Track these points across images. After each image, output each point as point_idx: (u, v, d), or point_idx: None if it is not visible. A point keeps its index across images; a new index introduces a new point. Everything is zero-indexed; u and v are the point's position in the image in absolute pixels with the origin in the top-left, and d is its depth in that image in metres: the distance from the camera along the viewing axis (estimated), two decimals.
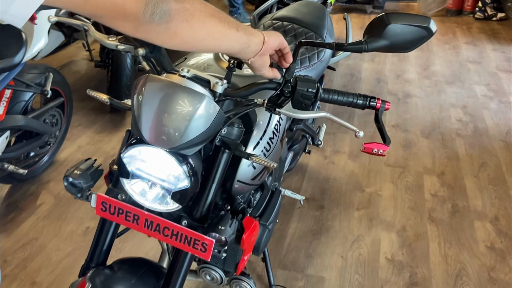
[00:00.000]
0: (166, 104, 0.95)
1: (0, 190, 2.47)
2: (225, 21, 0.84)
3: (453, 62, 4.20)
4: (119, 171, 1.06)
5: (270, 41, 0.96)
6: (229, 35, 0.85)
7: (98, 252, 1.20)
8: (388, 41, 1.01)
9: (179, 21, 0.75)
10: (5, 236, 2.20)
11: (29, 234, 2.21)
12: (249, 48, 0.92)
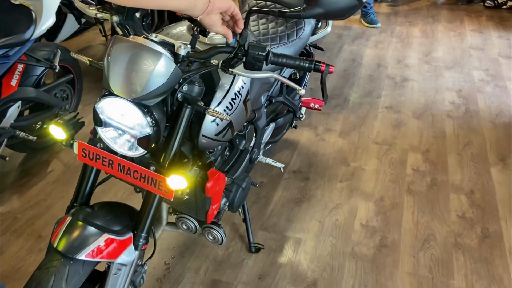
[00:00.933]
0: (130, 61, 1.12)
1: (15, 158, 2.71)
2: None
3: (456, 49, 4.25)
4: (94, 120, 1.24)
5: (217, 2, 1.11)
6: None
7: (81, 194, 1.39)
8: (323, 9, 1.15)
9: None
10: (17, 197, 2.42)
11: (38, 196, 2.43)
12: (196, 7, 1.08)
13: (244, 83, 1.47)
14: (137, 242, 1.33)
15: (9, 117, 2.29)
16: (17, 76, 2.30)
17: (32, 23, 2.15)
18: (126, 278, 1.37)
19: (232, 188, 1.64)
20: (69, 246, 1.23)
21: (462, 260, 2.02)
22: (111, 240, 1.28)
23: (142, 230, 1.33)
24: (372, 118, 3.11)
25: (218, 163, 1.64)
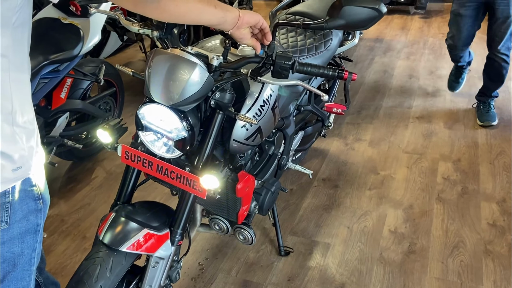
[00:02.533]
0: (168, 71, 1.24)
1: (63, 166, 2.90)
2: (204, 0, 1.11)
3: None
4: (136, 124, 1.36)
5: (245, 17, 1.21)
6: (207, 11, 1.11)
7: (123, 193, 1.51)
8: (344, 20, 1.23)
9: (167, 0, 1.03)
10: (64, 202, 2.60)
11: (83, 200, 2.60)
12: (226, 21, 1.18)
13: (272, 91, 1.57)
14: (173, 238, 1.44)
15: (58, 127, 2.47)
16: (66, 89, 2.49)
17: (80, 40, 2.34)
18: (163, 272, 1.47)
19: (261, 192, 1.73)
20: (113, 239, 1.35)
21: (491, 266, 2.01)
22: (150, 235, 1.39)
23: (178, 227, 1.44)
24: (402, 128, 3.13)
25: (248, 167, 1.73)
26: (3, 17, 0.92)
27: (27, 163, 1.08)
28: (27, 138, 1.08)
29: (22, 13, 0.97)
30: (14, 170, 1.05)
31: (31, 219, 1.14)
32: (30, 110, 1.09)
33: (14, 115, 1.03)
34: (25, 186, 1.10)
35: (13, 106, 1.03)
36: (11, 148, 1.04)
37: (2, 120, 1.01)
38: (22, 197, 1.10)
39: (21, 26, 0.99)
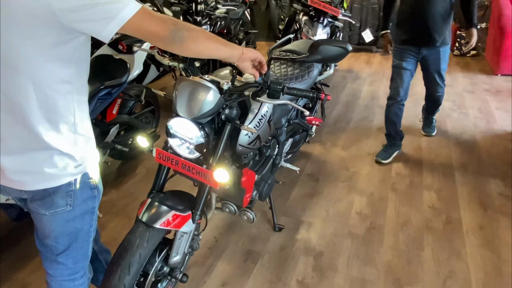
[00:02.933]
0: (190, 93, 1.25)
1: (114, 164, 2.90)
2: (218, 41, 1.11)
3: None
4: (166, 133, 1.36)
5: (247, 53, 1.21)
6: (219, 49, 1.12)
7: (157, 184, 1.51)
8: (321, 56, 1.23)
9: (189, 42, 1.03)
10: (115, 191, 2.59)
11: (128, 190, 2.59)
12: (233, 56, 1.18)
13: (268, 108, 1.56)
14: (194, 218, 1.43)
15: (111, 135, 2.48)
16: (116, 107, 2.50)
17: (127, 71, 2.35)
18: (187, 242, 1.47)
19: (261, 183, 1.72)
20: (149, 218, 1.35)
21: (430, 238, 1.99)
22: (176, 215, 1.39)
23: (197, 209, 1.43)
24: (367, 136, 3.12)
25: (250, 165, 1.73)
26: (69, 53, 0.93)
27: (85, 162, 1.09)
28: (85, 143, 1.09)
29: (83, 50, 0.98)
30: (76, 167, 1.06)
31: (88, 203, 1.14)
32: (88, 123, 1.09)
33: (76, 126, 1.04)
34: (84, 179, 1.11)
35: (75, 119, 1.04)
36: (74, 150, 1.05)
37: (67, 130, 1.02)
38: (82, 187, 1.10)
39: (82, 60, 1.00)
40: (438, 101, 2.83)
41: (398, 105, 2.64)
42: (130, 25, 0.90)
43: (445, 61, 2.54)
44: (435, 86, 2.67)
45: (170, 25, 0.97)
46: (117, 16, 0.87)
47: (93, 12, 0.85)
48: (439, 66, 2.53)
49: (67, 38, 0.90)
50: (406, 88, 2.60)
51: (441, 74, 2.61)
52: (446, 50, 2.50)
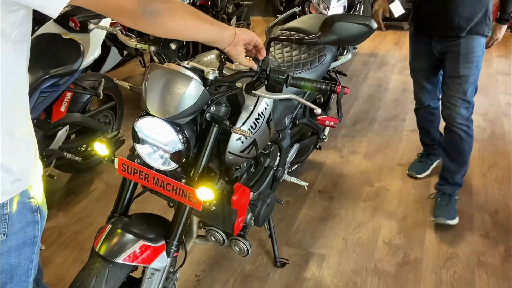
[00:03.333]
0: (164, 84, 1.25)
1: (62, 178, 2.89)
2: (201, 18, 1.12)
3: (482, 74, 4.16)
4: (132, 137, 1.36)
5: (241, 35, 1.22)
6: (203, 28, 1.13)
7: (120, 205, 1.51)
8: (336, 36, 1.25)
9: (164, 16, 1.04)
10: (63, 214, 2.59)
11: (81, 212, 2.59)
12: (223, 38, 1.19)
13: (267, 105, 1.58)
14: (169, 249, 1.43)
15: (58, 139, 2.48)
16: (65, 103, 2.50)
17: (80, 55, 2.36)
18: (159, 283, 1.47)
19: (257, 203, 1.73)
20: (109, 250, 1.34)
21: (484, 278, 2.01)
22: (146, 246, 1.38)
23: (174, 238, 1.43)
24: (396, 141, 3.14)
25: (244, 179, 1.73)
26: (3, 32, 0.93)
27: (25, 176, 1.08)
28: (26, 151, 1.08)
29: (22, 29, 0.98)
30: (12, 182, 1.06)
31: (28, 231, 1.14)
32: (28, 124, 1.09)
33: (13, 128, 1.04)
34: (23, 198, 1.10)
35: (13, 119, 1.04)
36: (10, 161, 1.04)
37: (2, 134, 1.02)
38: (20, 209, 1.10)
39: (21, 41, 1.00)
40: (462, 149, 2.28)
41: (427, 110, 2.56)
42: None
43: (472, 65, 2.16)
44: (452, 112, 2.24)
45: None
46: None
47: None
48: (458, 71, 2.16)
49: (3, 13, 0.90)
50: (430, 92, 2.46)
51: (464, 89, 2.19)
52: (478, 46, 2.15)
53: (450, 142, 2.33)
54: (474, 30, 2.12)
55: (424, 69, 2.38)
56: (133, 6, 0.98)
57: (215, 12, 4.21)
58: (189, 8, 1.11)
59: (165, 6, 1.03)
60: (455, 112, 2.24)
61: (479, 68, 2.23)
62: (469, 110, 2.29)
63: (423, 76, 2.41)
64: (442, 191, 2.39)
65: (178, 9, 1.06)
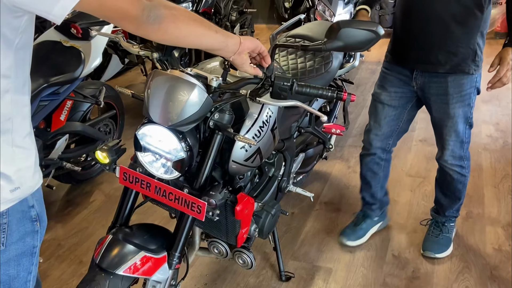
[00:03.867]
0: (167, 91, 1.27)
1: (61, 189, 2.91)
2: (206, 25, 1.14)
3: None
4: (134, 145, 1.38)
5: (246, 42, 1.24)
6: (208, 35, 1.15)
7: (121, 215, 1.52)
8: (342, 42, 1.26)
9: (168, 22, 1.06)
10: (61, 225, 2.60)
11: (80, 224, 2.60)
12: (227, 47, 1.21)
13: (271, 112, 1.59)
14: (171, 261, 1.44)
15: (57, 149, 2.50)
16: (65, 111, 2.53)
17: (81, 63, 2.39)
18: None
19: (261, 214, 1.73)
20: (109, 262, 1.35)
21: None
22: (147, 258, 1.39)
23: (176, 249, 1.44)
24: (405, 151, 3.15)
25: (248, 188, 1.74)
26: (6, 39, 0.95)
27: (25, 184, 1.10)
28: (26, 158, 1.10)
29: (25, 35, 1.00)
30: (12, 191, 1.07)
31: (27, 241, 1.15)
32: (29, 131, 1.11)
33: (13, 135, 1.06)
34: (23, 207, 1.11)
35: (13, 126, 1.05)
36: (9, 169, 1.06)
37: (2, 140, 1.03)
38: (19, 218, 1.11)
39: (23, 48, 1.02)
40: (455, 188, 2.11)
41: (373, 159, 2.17)
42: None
43: (463, 104, 1.90)
44: (446, 156, 2.04)
45: (143, 0, 1.00)
46: None
47: None
48: (448, 111, 1.91)
49: (6, 19, 0.92)
50: (383, 137, 2.10)
51: (457, 130, 1.94)
52: (467, 83, 1.87)
53: (442, 179, 2.15)
54: (458, 67, 1.84)
55: (391, 105, 2.00)
56: (137, 12, 1.00)
57: (218, 19, 4.26)
58: (193, 15, 1.13)
59: (169, 12, 1.05)
60: (446, 154, 2.03)
61: (472, 106, 1.94)
62: (464, 147, 2.03)
63: (385, 114, 2.02)
64: (435, 219, 2.27)
65: (182, 15, 1.08)
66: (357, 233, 2.27)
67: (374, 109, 2.04)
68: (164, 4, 1.04)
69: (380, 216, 2.32)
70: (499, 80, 1.78)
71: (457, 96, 1.88)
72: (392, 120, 2.04)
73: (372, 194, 2.24)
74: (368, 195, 2.26)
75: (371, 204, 2.27)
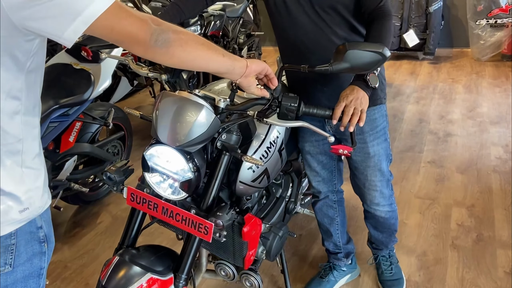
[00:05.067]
0: (175, 112, 1.29)
1: (68, 210, 2.92)
2: (213, 48, 1.16)
3: (502, 104, 4.24)
4: (142, 166, 1.39)
5: (253, 66, 1.26)
6: (215, 58, 1.17)
7: (128, 236, 1.52)
8: (349, 63, 1.28)
9: (176, 46, 1.08)
10: (68, 247, 2.60)
11: (87, 246, 2.60)
12: (235, 70, 1.23)
13: (279, 133, 1.60)
14: (177, 283, 1.43)
15: (65, 170, 2.52)
16: (74, 133, 2.56)
17: (91, 85, 2.43)
18: None
19: (269, 236, 1.72)
20: (115, 283, 1.34)
21: None
22: (153, 280, 1.38)
23: (182, 271, 1.43)
24: (414, 173, 3.13)
25: (255, 209, 1.74)
26: (18, 61, 0.97)
27: (34, 204, 1.10)
28: (35, 179, 1.11)
29: (36, 58, 1.02)
30: (21, 212, 1.07)
31: (35, 262, 1.15)
32: (39, 152, 1.12)
33: (23, 156, 1.07)
34: (31, 228, 1.12)
35: (23, 147, 1.07)
36: (19, 189, 1.06)
37: (12, 162, 1.05)
38: (27, 239, 1.11)
39: (35, 70, 1.04)
40: (388, 223, 2.03)
41: (326, 202, 2.07)
42: (100, 24, 0.95)
43: (380, 140, 1.80)
44: (372, 197, 1.93)
45: (152, 25, 1.02)
46: (84, 12, 0.92)
47: (51, 7, 0.89)
48: (368, 150, 1.79)
49: (18, 42, 0.95)
50: (327, 180, 1.99)
51: (381, 168, 1.84)
52: (379, 116, 1.78)
53: (375, 222, 2.04)
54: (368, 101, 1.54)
55: (318, 153, 1.88)
56: (146, 36, 1.02)
57: (226, 42, 4.32)
58: (200, 39, 1.15)
59: (176, 36, 1.07)
60: (376, 196, 1.91)
61: (389, 141, 1.86)
62: (390, 185, 1.96)
63: (316, 161, 1.90)
64: (380, 254, 2.17)
65: (189, 39, 1.10)
66: (325, 286, 2.14)
67: (305, 160, 1.93)
68: (172, 29, 1.06)
69: (348, 267, 2.19)
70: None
71: (372, 133, 1.77)
72: (326, 164, 1.93)
73: (334, 242, 2.13)
74: (331, 245, 2.14)
75: (336, 253, 2.15)
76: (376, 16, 1.52)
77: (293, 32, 1.66)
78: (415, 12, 5.55)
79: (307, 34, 1.64)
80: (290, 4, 1.62)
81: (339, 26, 1.62)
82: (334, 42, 1.59)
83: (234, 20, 4.53)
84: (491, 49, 5.49)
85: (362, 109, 1.37)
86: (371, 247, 2.21)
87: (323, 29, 1.61)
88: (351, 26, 1.63)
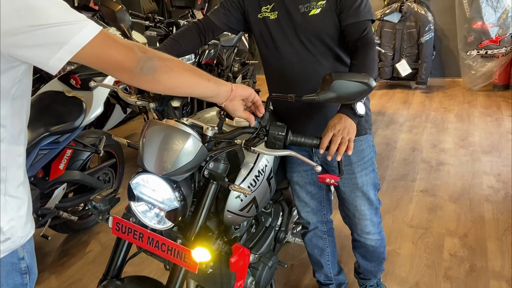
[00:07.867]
0: (162, 141, 1.28)
1: (57, 239, 2.87)
2: (198, 74, 1.17)
3: (494, 133, 4.27)
4: (128, 195, 1.38)
5: (238, 90, 1.27)
6: (200, 84, 1.18)
7: (113, 267, 1.50)
8: (335, 93, 1.28)
9: (161, 73, 1.09)
10: (55, 277, 2.55)
11: (75, 276, 2.55)
12: (219, 94, 1.23)
13: (267, 162, 1.60)
14: None
15: (54, 198, 2.49)
16: (65, 160, 2.55)
17: (82, 112, 2.43)
18: None
19: (258, 266, 1.70)
20: None
21: None
22: None
23: None
24: (406, 202, 3.12)
25: (244, 239, 1.72)
26: (2, 88, 0.98)
27: (16, 234, 1.08)
28: (18, 208, 1.09)
29: (21, 85, 1.03)
30: (2, 242, 1.06)
31: None
32: (23, 180, 1.11)
33: (6, 184, 1.06)
34: (13, 259, 1.09)
35: (7, 175, 1.05)
36: (1, 218, 1.05)
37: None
38: (8, 271, 1.09)
39: (20, 97, 1.04)
40: (377, 252, 2.02)
41: (316, 233, 2.06)
42: (86, 52, 0.95)
43: (368, 170, 1.80)
44: (363, 226, 1.92)
45: (138, 53, 1.03)
46: (70, 41, 0.92)
47: (38, 35, 0.90)
48: (356, 181, 1.80)
49: (4, 68, 0.95)
50: (319, 208, 1.98)
51: (369, 198, 1.84)
52: (366, 147, 1.78)
53: (364, 251, 2.03)
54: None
55: (306, 183, 1.86)
56: (132, 64, 1.03)
57: (220, 70, 4.37)
58: (186, 65, 1.16)
59: (162, 63, 1.08)
60: (366, 225, 1.91)
61: (376, 171, 1.86)
62: (378, 213, 1.94)
63: (305, 192, 1.89)
64: (368, 284, 2.15)
65: (175, 66, 1.11)
66: None
67: (294, 191, 1.91)
68: (158, 56, 1.07)
69: None
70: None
71: (360, 164, 1.77)
72: (314, 195, 1.91)
73: (325, 273, 2.12)
74: (322, 276, 2.13)
75: (328, 285, 2.14)
76: (360, 45, 1.55)
77: (280, 62, 1.69)
78: (407, 43, 5.65)
79: (292, 64, 1.68)
80: (275, 35, 1.66)
81: (323, 55, 1.65)
82: (319, 72, 1.62)
83: (228, 49, 4.59)
84: (482, 79, 5.57)
85: (349, 138, 1.38)
86: (358, 278, 2.17)
87: (308, 59, 1.65)
88: (336, 55, 1.67)
